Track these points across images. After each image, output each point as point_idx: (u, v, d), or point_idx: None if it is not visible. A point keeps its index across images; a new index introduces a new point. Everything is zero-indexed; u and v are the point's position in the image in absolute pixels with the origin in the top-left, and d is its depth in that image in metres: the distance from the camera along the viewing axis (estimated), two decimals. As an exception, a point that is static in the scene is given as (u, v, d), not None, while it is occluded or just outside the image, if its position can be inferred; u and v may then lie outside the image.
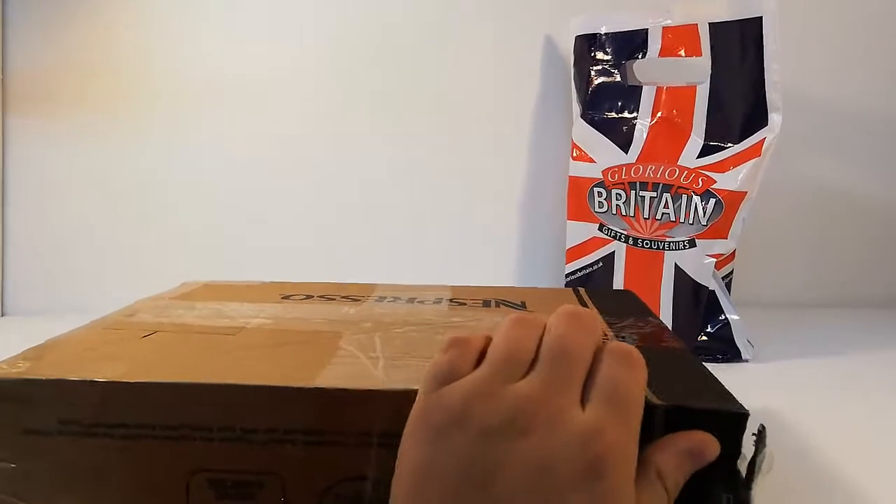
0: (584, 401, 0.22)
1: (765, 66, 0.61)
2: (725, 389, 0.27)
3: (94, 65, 0.75)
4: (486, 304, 0.43)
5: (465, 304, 0.43)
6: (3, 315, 0.74)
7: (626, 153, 0.69)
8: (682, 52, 0.67)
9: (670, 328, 0.64)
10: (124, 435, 0.27)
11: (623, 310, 0.42)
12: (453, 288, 0.48)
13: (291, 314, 0.40)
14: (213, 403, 0.26)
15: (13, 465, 0.27)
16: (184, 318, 0.39)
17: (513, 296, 0.46)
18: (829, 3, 0.89)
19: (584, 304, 0.43)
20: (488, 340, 0.25)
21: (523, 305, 0.43)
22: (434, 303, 0.43)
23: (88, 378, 0.27)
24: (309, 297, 0.46)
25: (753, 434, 0.25)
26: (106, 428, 0.27)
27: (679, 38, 0.67)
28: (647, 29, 0.69)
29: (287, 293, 0.47)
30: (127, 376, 0.27)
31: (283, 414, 0.26)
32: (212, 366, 0.30)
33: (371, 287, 0.49)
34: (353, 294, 0.46)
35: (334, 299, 0.44)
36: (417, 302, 0.44)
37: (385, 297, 0.45)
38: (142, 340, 0.34)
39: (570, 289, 0.50)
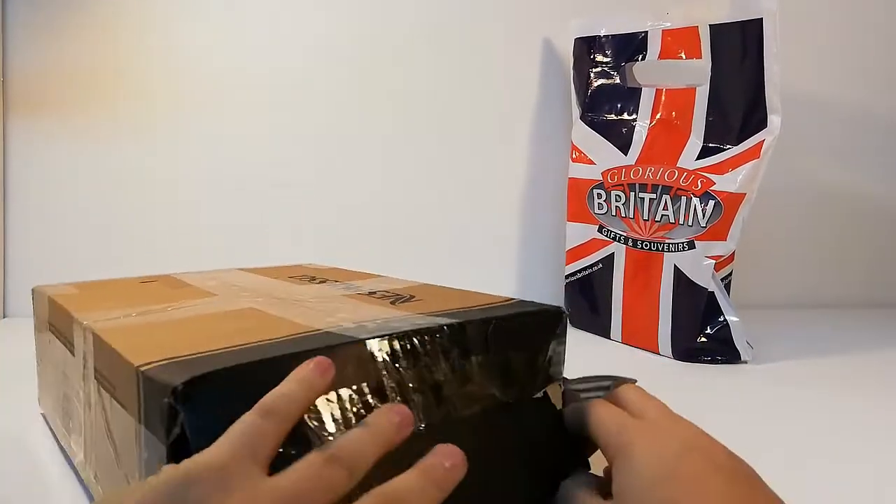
0: None
1: (765, 67, 0.61)
2: None
3: (94, 66, 0.75)
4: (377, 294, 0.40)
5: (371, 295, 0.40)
6: (4, 317, 0.74)
7: (626, 155, 0.69)
8: (682, 55, 0.67)
9: (670, 330, 0.65)
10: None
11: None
12: (412, 287, 0.43)
13: (238, 282, 0.46)
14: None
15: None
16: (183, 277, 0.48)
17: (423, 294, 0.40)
18: (829, 4, 0.89)
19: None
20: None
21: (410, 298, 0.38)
22: (346, 289, 0.42)
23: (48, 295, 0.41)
24: (302, 277, 0.48)
25: None
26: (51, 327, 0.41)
27: (678, 41, 0.67)
28: (647, 31, 0.69)
29: (296, 274, 0.49)
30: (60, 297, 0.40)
31: None
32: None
33: (355, 275, 0.49)
34: (328, 277, 0.47)
35: (305, 280, 0.47)
36: (347, 289, 0.42)
37: (338, 283, 0.45)
38: (139, 285, 0.45)
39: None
